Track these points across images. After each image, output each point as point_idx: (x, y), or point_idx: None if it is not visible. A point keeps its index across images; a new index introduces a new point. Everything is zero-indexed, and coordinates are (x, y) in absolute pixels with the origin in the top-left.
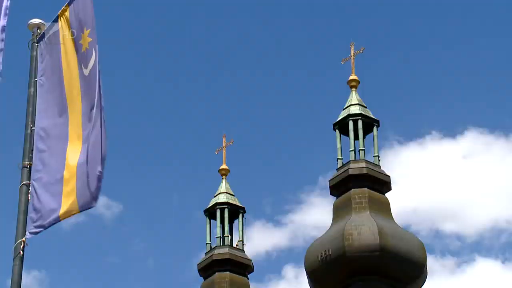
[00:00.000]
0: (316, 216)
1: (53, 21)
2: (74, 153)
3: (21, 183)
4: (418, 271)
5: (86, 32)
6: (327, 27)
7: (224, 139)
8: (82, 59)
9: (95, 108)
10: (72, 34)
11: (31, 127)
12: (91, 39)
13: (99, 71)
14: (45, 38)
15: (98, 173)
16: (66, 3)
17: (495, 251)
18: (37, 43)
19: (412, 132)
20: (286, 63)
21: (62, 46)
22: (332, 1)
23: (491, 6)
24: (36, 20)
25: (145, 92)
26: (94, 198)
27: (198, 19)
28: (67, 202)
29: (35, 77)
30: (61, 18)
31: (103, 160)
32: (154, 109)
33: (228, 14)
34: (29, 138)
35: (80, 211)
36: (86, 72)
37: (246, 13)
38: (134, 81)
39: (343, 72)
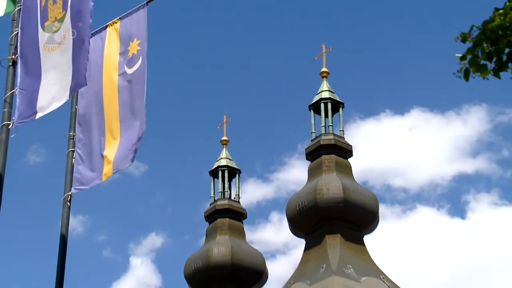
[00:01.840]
0: (295, 175)
1: (102, 28)
2: (113, 132)
3: (68, 150)
4: (373, 217)
5: (136, 42)
6: (304, 31)
7: (225, 116)
8: (127, 61)
9: (143, 100)
10: (120, 41)
11: (76, 106)
12: (139, 48)
13: (145, 74)
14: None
15: (135, 146)
16: (118, 17)
17: (432, 201)
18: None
19: (370, 111)
20: (274, 59)
21: (106, 49)
22: (309, 9)
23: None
24: None
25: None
26: (128, 160)
27: (200, 16)
28: (107, 167)
29: None
30: (110, 27)
31: (139, 137)
32: (173, 93)
33: (231, 13)
34: (73, 115)
35: (114, 173)
36: (130, 71)
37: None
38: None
39: (316, 66)
